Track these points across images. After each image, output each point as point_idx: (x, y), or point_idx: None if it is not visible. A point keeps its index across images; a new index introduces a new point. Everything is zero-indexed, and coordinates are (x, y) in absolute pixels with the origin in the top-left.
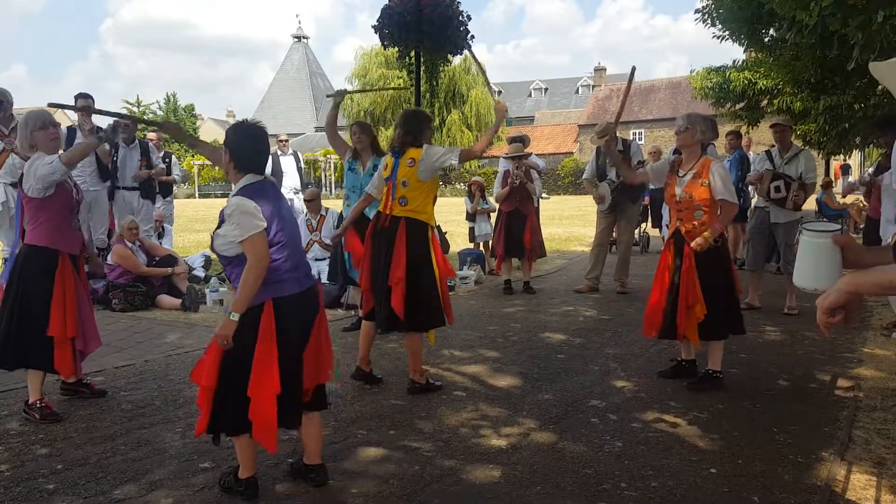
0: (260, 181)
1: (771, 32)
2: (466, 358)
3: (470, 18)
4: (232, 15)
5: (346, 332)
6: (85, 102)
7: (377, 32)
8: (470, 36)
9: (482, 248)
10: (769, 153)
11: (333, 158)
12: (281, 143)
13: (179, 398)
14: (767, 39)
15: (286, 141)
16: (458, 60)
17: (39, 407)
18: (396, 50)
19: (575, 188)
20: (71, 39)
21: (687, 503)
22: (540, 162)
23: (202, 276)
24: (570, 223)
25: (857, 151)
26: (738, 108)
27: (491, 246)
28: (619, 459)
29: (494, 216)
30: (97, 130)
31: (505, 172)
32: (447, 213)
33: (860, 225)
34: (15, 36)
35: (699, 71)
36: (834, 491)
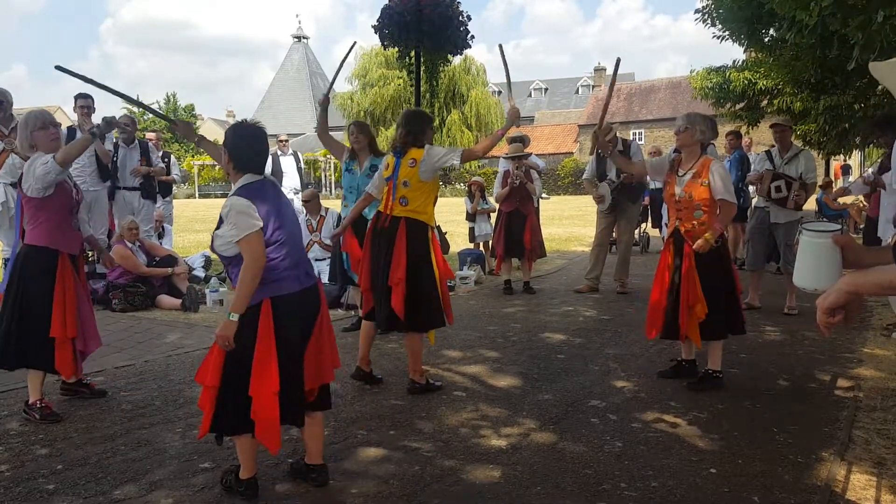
0: (259, 181)
1: (771, 32)
2: (466, 358)
3: (470, 18)
4: (232, 15)
5: (346, 332)
6: (84, 102)
7: (377, 32)
8: (470, 36)
9: (482, 248)
10: (769, 153)
11: (333, 159)
12: (281, 143)
13: (179, 398)
14: (767, 39)
15: (286, 141)
16: (457, 60)
17: (39, 407)
18: (396, 50)
19: (575, 188)
20: (71, 39)
21: (687, 503)
22: (540, 162)
23: (202, 276)
24: (570, 223)
25: (857, 151)
26: (738, 108)
27: (491, 246)
28: (619, 459)
29: (494, 216)
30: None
31: (505, 172)
32: (447, 213)
33: (860, 225)
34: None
35: (699, 71)
36: (834, 491)
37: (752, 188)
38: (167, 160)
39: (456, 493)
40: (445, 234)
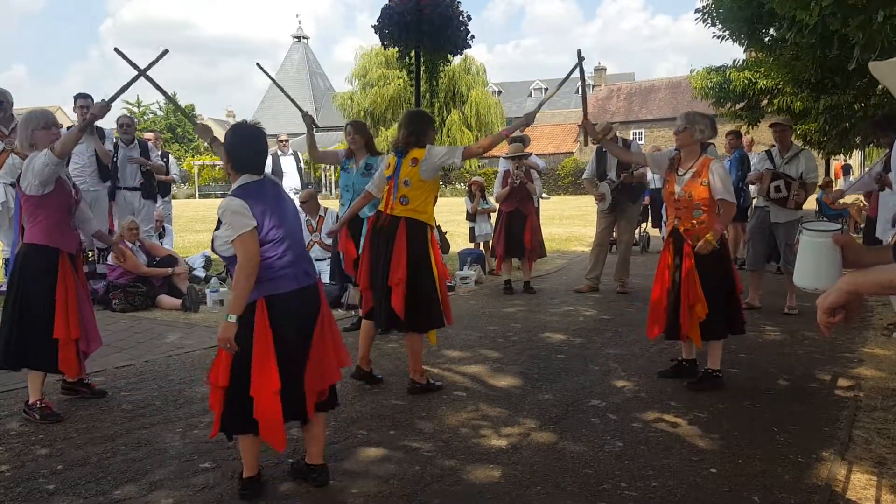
0: (256, 181)
1: (771, 32)
2: (466, 358)
3: (470, 18)
4: (232, 15)
5: (346, 332)
6: (84, 102)
7: (377, 32)
8: (470, 36)
9: (482, 248)
10: (769, 153)
11: None
12: (281, 143)
13: (180, 398)
14: (767, 39)
15: (286, 141)
16: (458, 60)
17: (40, 407)
18: (396, 50)
19: (575, 188)
20: (71, 39)
21: (687, 503)
22: (540, 162)
23: (202, 276)
24: (570, 223)
25: (857, 151)
26: (738, 107)
27: (491, 246)
28: (619, 459)
29: (494, 216)
30: (97, 131)
31: (505, 172)
32: (447, 213)
33: (860, 225)
34: (15, 36)
35: (699, 71)
36: (834, 491)
37: (752, 188)
38: (166, 160)
39: (456, 492)
40: (445, 233)
